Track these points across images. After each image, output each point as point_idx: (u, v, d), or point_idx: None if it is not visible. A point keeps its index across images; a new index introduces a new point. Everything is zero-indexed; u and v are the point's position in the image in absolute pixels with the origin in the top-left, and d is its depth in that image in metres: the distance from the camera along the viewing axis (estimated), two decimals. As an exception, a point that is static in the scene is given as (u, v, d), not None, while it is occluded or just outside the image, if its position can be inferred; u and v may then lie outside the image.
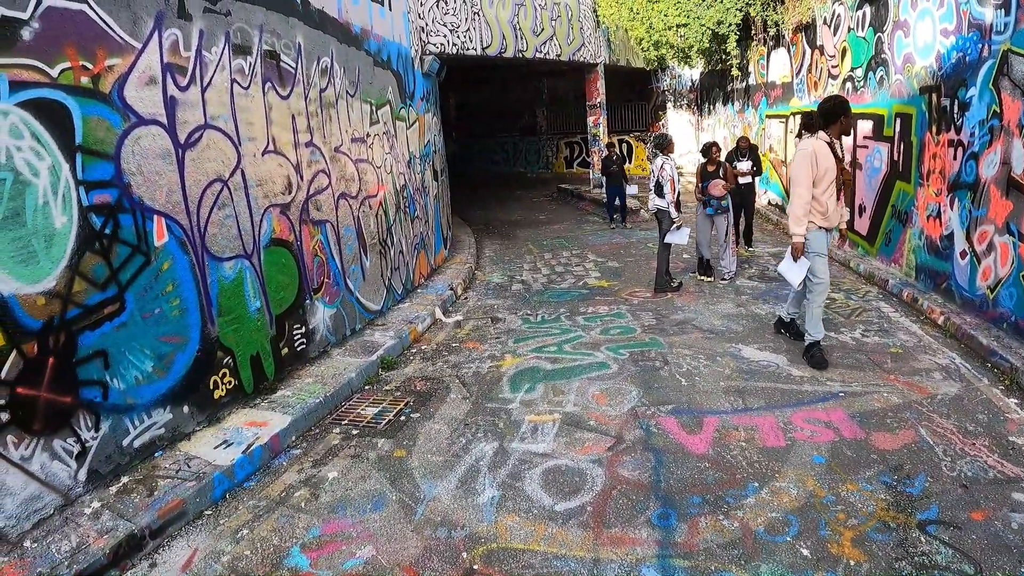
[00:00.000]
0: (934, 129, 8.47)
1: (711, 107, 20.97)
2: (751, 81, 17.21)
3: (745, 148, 11.45)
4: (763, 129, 16.47)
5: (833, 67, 11.96)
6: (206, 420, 5.39)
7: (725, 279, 9.89)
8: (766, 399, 5.79)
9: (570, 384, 6.26)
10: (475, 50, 12.84)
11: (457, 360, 7.11)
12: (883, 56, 9.93)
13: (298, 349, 6.56)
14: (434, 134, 11.63)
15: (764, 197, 16.54)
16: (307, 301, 6.67)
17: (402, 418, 5.76)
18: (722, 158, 10.05)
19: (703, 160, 9.90)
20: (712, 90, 20.69)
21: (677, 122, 22.65)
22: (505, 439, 5.26)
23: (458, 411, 5.84)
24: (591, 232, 14.79)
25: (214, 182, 5.45)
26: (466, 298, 9.76)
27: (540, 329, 8.00)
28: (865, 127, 10.67)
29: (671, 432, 5.24)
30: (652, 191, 9.29)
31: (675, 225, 9.08)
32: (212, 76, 5.47)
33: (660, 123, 23.14)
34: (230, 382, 5.65)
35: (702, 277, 10.07)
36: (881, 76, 10.05)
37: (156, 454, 4.91)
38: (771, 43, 15.48)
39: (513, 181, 25.65)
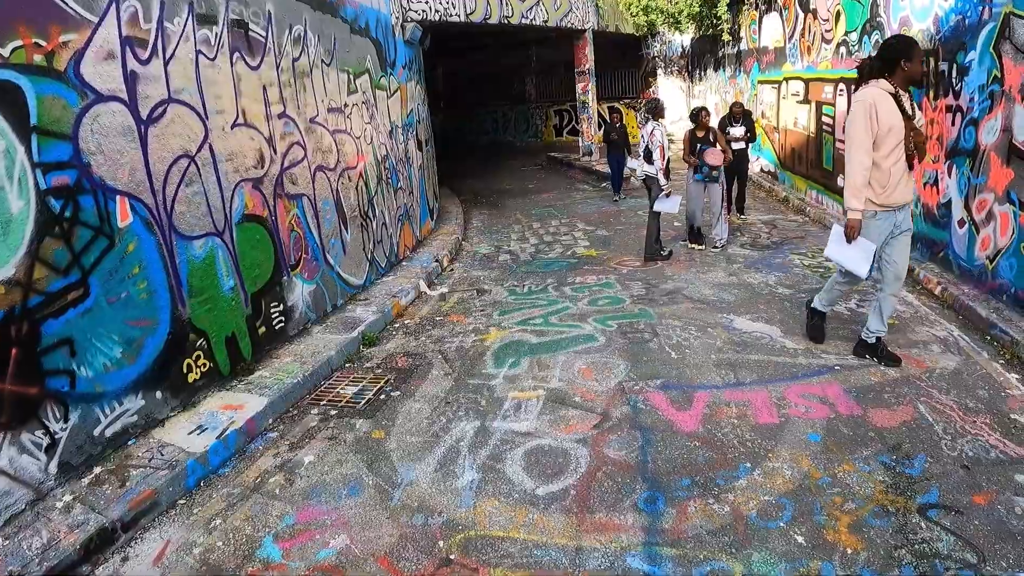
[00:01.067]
0: (931, 94, 8.22)
1: (702, 73, 20.58)
2: (743, 46, 16.83)
3: (739, 114, 11.17)
4: (755, 95, 16.13)
5: (827, 31, 11.63)
6: (180, 405, 5.17)
7: (717, 247, 9.66)
8: (759, 373, 5.58)
9: (555, 358, 6.04)
10: (459, 16, 12.46)
11: (441, 334, 6.88)
12: (878, 19, 9.63)
13: (276, 328, 6.32)
14: (418, 103, 11.29)
15: (756, 164, 16.26)
16: (284, 278, 6.42)
17: (382, 397, 5.54)
18: (713, 123, 9.74)
19: (692, 126, 9.62)
20: (703, 56, 20.28)
21: (668, 88, 22.25)
22: (487, 417, 5.05)
23: (439, 388, 5.62)
24: (580, 200, 14.52)
25: (180, 158, 5.17)
26: (452, 270, 9.52)
27: (526, 301, 7.77)
28: (859, 92, 10.38)
29: (660, 408, 5.04)
30: (642, 157, 9.03)
31: (663, 192, 8.83)
32: (175, 48, 5.16)
33: (651, 90, 22.73)
34: (205, 365, 5.42)
35: (693, 245, 9.84)
36: (876, 40, 9.73)
37: (129, 442, 4.69)
38: (763, 7, 15.09)
39: (502, 150, 25.27)
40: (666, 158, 8.79)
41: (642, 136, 9.03)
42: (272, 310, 6.26)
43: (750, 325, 6.67)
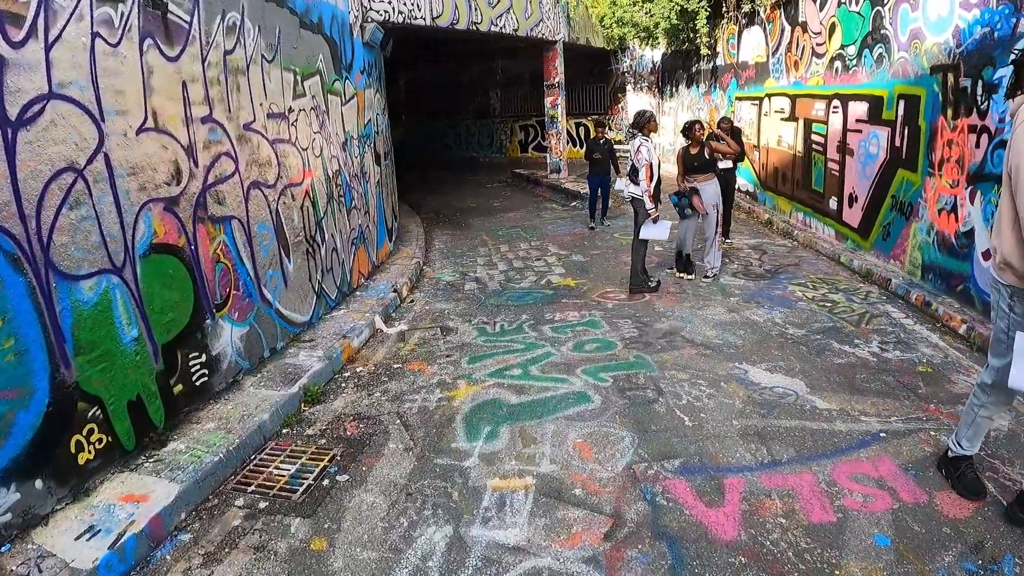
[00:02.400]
0: (949, 113, 7.38)
1: (673, 89, 19.71)
2: (719, 62, 15.97)
3: (727, 131, 10.20)
4: (732, 112, 15.27)
5: (819, 44, 10.76)
6: (70, 494, 3.89)
7: (709, 277, 8.62)
8: (796, 446, 4.52)
9: (543, 427, 4.86)
10: (424, 20, 11.30)
11: (399, 389, 5.65)
12: (883, 32, 8.77)
13: (197, 383, 5.04)
14: (377, 112, 10.08)
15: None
16: (207, 321, 5.15)
17: (325, 481, 4.29)
18: (705, 137, 8.70)
19: (686, 143, 8.58)
20: (675, 72, 19.42)
21: (637, 104, 21.31)
22: (462, 521, 3.83)
23: (399, 471, 4.38)
24: (550, 221, 13.41)
25: (63, 172, 3.89)
26: (412, 301, 8.29)
27: (500, 343, 6.59)
28: (858, 110, 9.54)
29: (685, 504, 3.89)
30: (627, 176, 7.95)
31: (650, 218, 7.76)
32: (63, 28, 3.90)
33: (619, 105, 21.82)
34: (100, 440, 4.13)
35: (682, 275, 8.79)
36: (880, 54, 8.88)
37: (2, 549, 3.41)
38: (744, 21, 14.25)
39: (465, 165, 24.03)
40: (654, 178, 7.72)
41: (628, 151, 7.95)
42: (191, 362, 4.98)
43: (768, 378, 5.61)
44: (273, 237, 6.06)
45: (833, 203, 10.42)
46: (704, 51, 15.78)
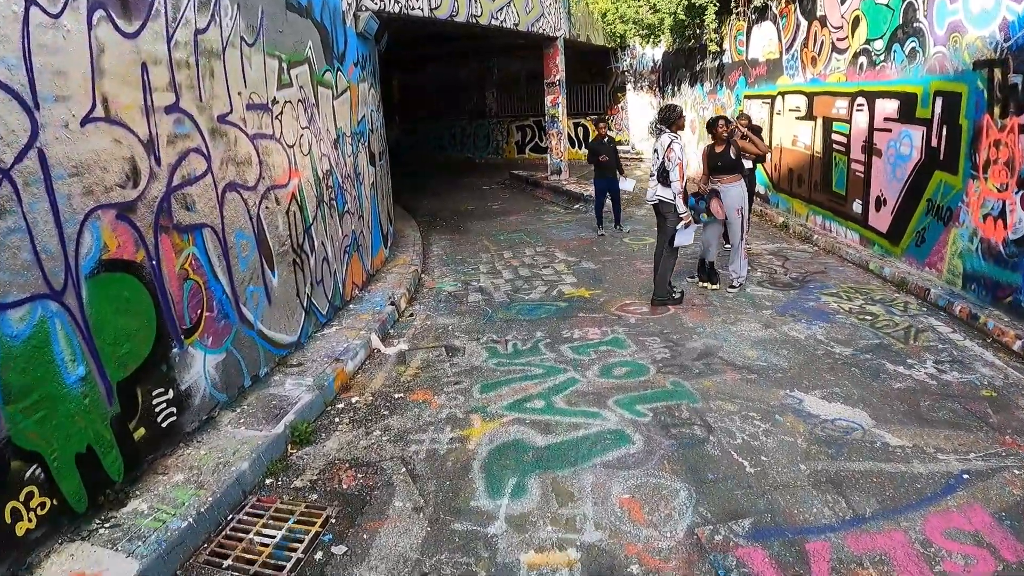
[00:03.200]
0: (997, 111, 6.67)
1: (675, 88, 18.90)
2: (726, 59, 15.19)
3: (746, 129, 9.38)
4: (740, 111, 14.47)
5: (840, 39, 9.98)
6: (8, 573, 3.05)
7: (735, 287, 7.80)
8: (877, 495, 3.77)
9: (579, 478, 4.00)
10: (422, 11, 10.43)
11: (402, 426, 4.78)
12: (916, 25, 8.02)
13: (164, 425, 4.17)
14: (371, 109, 9.21)
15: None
16: (174, 350, 4.27)
17: (318, 554, 3.42)
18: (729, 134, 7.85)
19: (711, 141, 7.75)
20: (676, 70, 18.61)
21: (637, 104, 20.54)
22: (492, 616, 2.97)
23: (408, 540, 3.51)
24: (553, 224, 12.55)
25: (-20, 169, 3.05)
26: (412, 315, 7.42)
27: (514, 366, 5.74)
28: (887, 107, 8.76)
29: (768, 585, 3.07)
30: (654, 178, 7.11)
31: (683, 222, 6.95)
32: (-16, -10, 3.07)
33: (619, 105, 20.98)
34: (43, 504, 3.27)
35: (705, 284, 7.96)
36: (912, 48, 8.11)
37: None
38: (754, 16, 13.46)
39: (462, 167, 23.08)
40: (684, 178, 6.90)
41: (655, 151, 7.12)
42: (155, 401, 4.10)
43: (827, 408, 4.83)
44: (254, 247, 5.18)
45: (857, 206, 9.65)
46: (712, 47, 14.98)
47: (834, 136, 10.31)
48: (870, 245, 9.32)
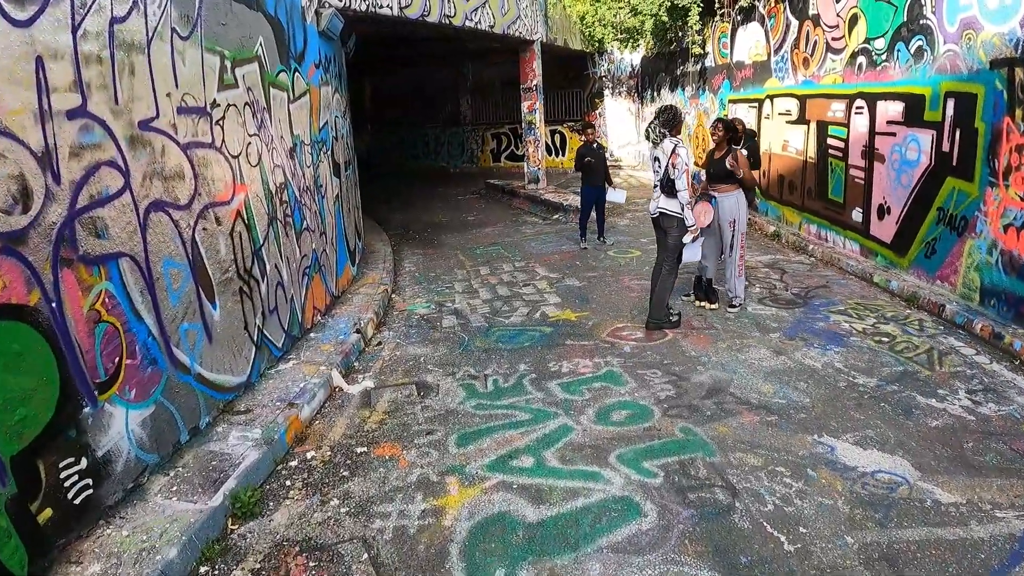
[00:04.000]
0: (1018, 114, 6.08)
1: (654, 93, 18.29)
2: (708, 63, 14.58)
3: (739, 135, 8.70)
4: (725, 114, 13.87)
5: (835, 39, 9.38)
6: None
7: (735, 306, 7.10)
8: (939, 571, 3.04)
9: (583, 567, 3.21)
10: (391, 9, 9.63)
11: (365, 492, 3.95)
12: (923, 22, 7.44)
13: (77, 502, 3.33)
14: (336, 115, 8.40)
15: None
16: (86, 410, 3.43)
17: None
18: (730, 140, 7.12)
19: (712, 146, 7.05)
20: (656, 75, 18.00)
21: (616, 110, 19.91)
22: None
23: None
24: (532, 236, 11.79)
25: None
26: (379, 344, 6.60)
27: (496, 410, 4.94)
28: (890, 110, 8.17)
29: None
30: (658, 187, 6.38)
31: (691, 236, 6.24)
32: None
33: (597, 112, 20.32)
34: None
35: (703, 303, 7.26)
36: (919, 47, 7.52)
37: None
38: (739, 18, 12.87)
39: (435, 176, 22.23)
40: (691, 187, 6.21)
41: (655, 159, 6.39)
42: (64, 473, 3.27)
43: (863, 457, 4.17)
44: (188, 276, 4.35)
45: (857, 215, 9.04)
46: (696, 50, 14.38)
47: (830, 141, 9.71)
48: (872, 256, 8.70)
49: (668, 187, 6.18)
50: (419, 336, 6.75)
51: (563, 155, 21.17)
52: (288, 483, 4.10)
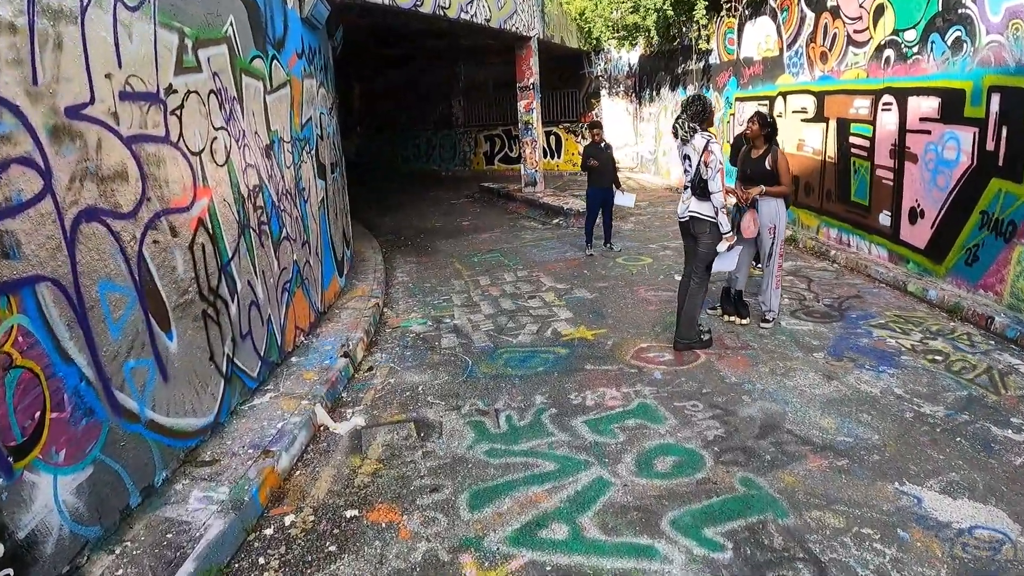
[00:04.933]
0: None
1: (653, 93, 17.50)
2: (712, 59, 13.81)
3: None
4: (731, 115, 13.10)
5: (857, 31, 8.62)
6: None
7: (768, 321, 6.28)
8: None
9: None
10: (380, -1, 8.79)
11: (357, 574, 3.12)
12: (961, 11, 6.76)
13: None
14: (321, 111, 7.53)
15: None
16: (-13, 482, 2.59)
17: None
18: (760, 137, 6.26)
19: (746, 143, 6.23)
20: (655, 74, 17.20)
21: (613, 111, 19.07)
22: None
23: None
24: (532, 243, 10.94)
25: None
26: (371, 368, 5.73)
27: (513, 456, 4.07)
28: (923, 106, 7.44)
29: None
30: (688, 189, 5.55)
31: (725, 244, 5.42)
32: None
33: (593, 112, 19.49)
34: None
35: (733, 318, 6.44)
36: (956, 38, 6.81)
37: None
38: (747, 12, 12.10)
39: (427, 180, 21.31)
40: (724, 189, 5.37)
41: (685, 157, 5.55)
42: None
43: (954, 509, 3.47)
44: (134, 301, 3.48)
45: (885, 218, 8.27)
46: (703, 45, 13.60)
47: (852, 139, 8.93)
48: (902, 263, 7.93)
49: (700, 188, 5.35)
50: (416, 359, 5.88)
51: (559, 157, 20.33)
52: (262, 560, 3.22)
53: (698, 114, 5.36)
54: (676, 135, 5.47)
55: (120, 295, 3.37)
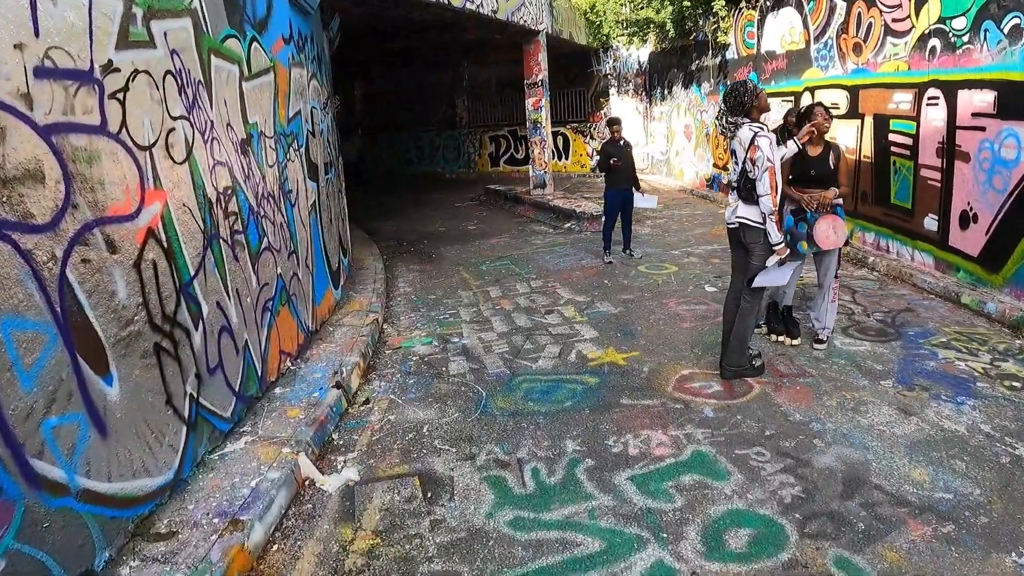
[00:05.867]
0: None
1: (665, 91, 16.64)
2: (729, 55, 12.96)
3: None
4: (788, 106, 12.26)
5: (897, 19, 7.80)
6: None
7: (823, 341, 5.43)
8: None
9: None
10: (379, -16, 7.96)
11: None
12: (1021, -5, 5.89)
13: None
14: (313, 105, 6.68)
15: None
16: None
17: None
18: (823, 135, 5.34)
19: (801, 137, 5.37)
20: (667, 71, 16.35)
21: (622, 110, 18.16)
22: None
23: None
24: (544, 248, 10.08)
25: None
26: (367, 400, 4.85)
27: (547, 530, 3.18)
28: (976, 100, 6.61)
29: None
30: (735, 191, 4.69)
31: (776, 258, 4.56)
32: None
33: (602, 112, 18.64)
34: None
35: (782, 338, 5.59)
36: (1015, 25, 6.06)
37: None
38: (768, 3, 11.27)
39: (430, 182, 20.39)
40: (778, 190, 4.49)
41: (732, 152, 4.70)
42: None
43: None
44: (55, 341, 2.63)
45: (931, 222, 7.44)
46: (721, 39, 12.76)
47: (892, 137, 8.09)
48: (952, 271, 7.10)
49: (747, 190, 4.49)
50: (420, 389, 5.02)
51: (567, 158, 19.46)
52: None
53: (739, 105, 4.49)
54: (721, 132, 4.63)
55: (33, 334, 2.52)
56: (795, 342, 5.51)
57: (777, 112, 11.30)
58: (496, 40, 14.10)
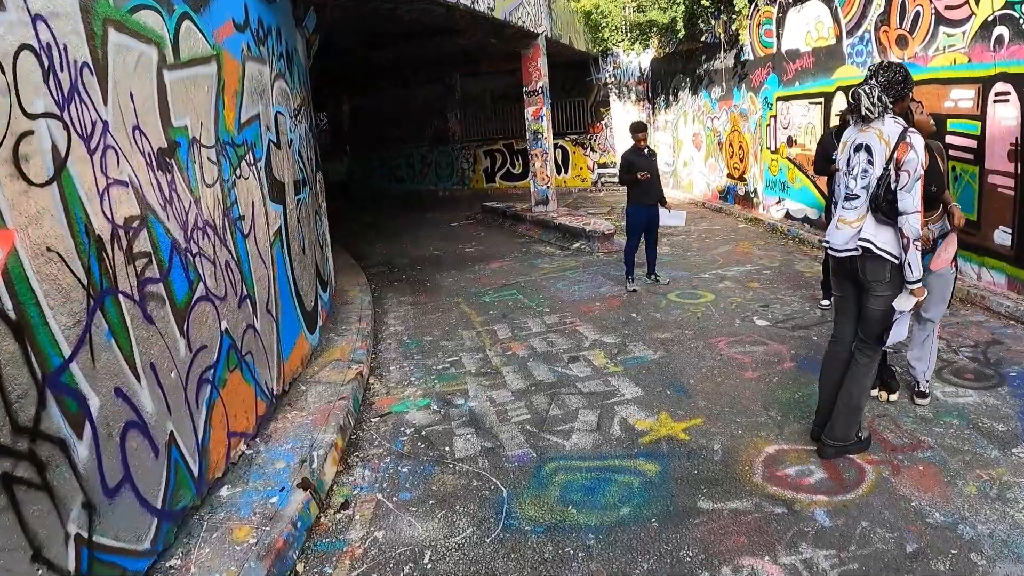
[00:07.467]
0: None
1: (669, 98, 15.47)
2: (745, 56, 11.80)
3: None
4: (772, 116, 11.08)
5: (950, 7, 6.72)
6: None
7: (926, 395, 4.18)
8: None
9: None
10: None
11: None
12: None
13: None
14: (279, 110, 5.39)
15: (778, 210, 11.15)
16: None
17: None
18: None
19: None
20: (671, 77, 15.17)
21: (624, 120, 16.93)
22: None
23: None
24: (555, 274, 8.77)
25: None
26: (347, 504, 3.51)
27: None
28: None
29: None
30: (858, 201, 3.42)
31: (912, 301, 3.31)
32: None
33: (602, 122, 17.44)
34: None
35: (875, 392, 4.33)
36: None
37: None
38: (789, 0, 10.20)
39: (422, 200, 18.99)
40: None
41: (856, 147, 3.44)
42: None
43: None
44: None
45: (1002, 236, 6.33)
46: (744, 38, 11.64)
47: (950, 139, 6.92)
48: (985, 271, 6.02)
49: (884, 204, 3.24)
50: (416, 483, 3.70)
51: (567, 172, 18.21)
52: None
53: (895, 84, 3.28)
54: (853, 112, 3.38)
55: None
56: (893, 397, 4.25)
57: (802, 116, 10.17)
58: (490, 47, 12.90)
